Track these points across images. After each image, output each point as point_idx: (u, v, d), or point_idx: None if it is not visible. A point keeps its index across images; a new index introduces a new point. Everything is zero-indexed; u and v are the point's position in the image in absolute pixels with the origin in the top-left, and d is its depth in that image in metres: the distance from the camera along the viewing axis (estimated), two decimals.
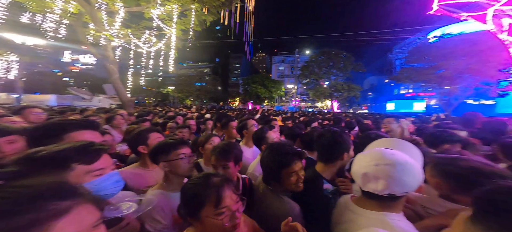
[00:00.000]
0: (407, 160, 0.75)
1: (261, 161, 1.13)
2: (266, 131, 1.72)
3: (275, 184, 1.06)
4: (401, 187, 0.72)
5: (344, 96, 24.41)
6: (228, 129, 2.24)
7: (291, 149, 1.08)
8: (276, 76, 48.78)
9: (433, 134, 1.76)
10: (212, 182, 0.72)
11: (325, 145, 1.18)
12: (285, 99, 41.84)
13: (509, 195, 0.34)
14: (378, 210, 0.77)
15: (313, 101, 30.93)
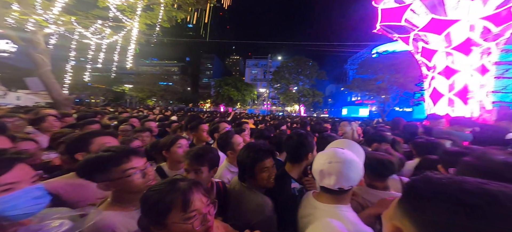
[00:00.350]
0: (353, 158, 0.87)
1: (237, 158, 1.18)
2: (232, 135, 1.65)
3: (250, 180, 1.12)
4: (347, 181, 0.83)
5: (310, 102, 26.84)
6: (198, 131, 2.12)
7: (264, 146, 1.15)
8: (249, 80, 49.43)
9: (369, 135, 2.16)
10: (178, 186, 0.67)
11: (292, 146, 1.26)
12: (257, 103, 42.80)
13: (421, 182, 0.40)
14: (331, 203, 0.88)
15: (283, 105, 32.76)
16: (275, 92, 34.38)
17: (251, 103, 41.65)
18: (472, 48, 5.60)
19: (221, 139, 1.63)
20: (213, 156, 1.20)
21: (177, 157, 1.42)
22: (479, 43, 5.52)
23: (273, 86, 33.36)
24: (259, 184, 1.10)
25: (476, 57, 5.64)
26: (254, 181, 1.10)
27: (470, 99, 5.75)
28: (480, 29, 5.54)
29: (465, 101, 5.82)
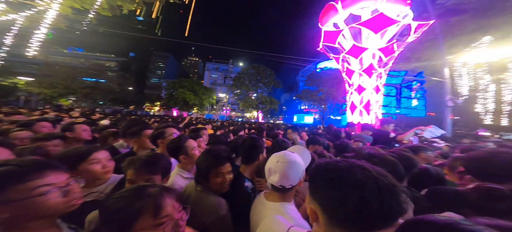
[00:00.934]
0: (297, 160, 0.97)
1: (196, 162, 1.21)
2: (184, 139, 1.57)
3: (205, 183, 1.15)
4: (288, 180, 0.92)
5: (267, 108, 28.63)
6: (140, 137, 1.87)
7: (222, 152, 1.21)
8: (208, 84, 47.33)
9: (308, 140, 2.71)
10: (148, 192, 0.63)
11: (246, 149, 1.41)
12: (216, 108, 41.43)
13: (316, 168, 0.53)
14: (278, 202, 0.97)
15: (243, 111, 33.29)
16: (235, 98, 34.57)
17: (210, 108, 39.89)
18: (373, 72, 7.94)
19: (172, 143, 1.54)
20: (167, 163, 1.16)
21: (93, 175, 1.13)
22: (376, 68, 7.91)
23: (233, 92, 33.48)
24: (213, 188, 1.15)
25: (374, 79, 8.05)
26: (208, 185, 1.15)
27: (371, 111, 8.04)
28: (377, 58, 7.85)
29: (368, 112, 7.99)
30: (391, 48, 7.54)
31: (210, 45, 32.82)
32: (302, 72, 42.75)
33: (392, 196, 0.42)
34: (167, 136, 1.90)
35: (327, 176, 0.48)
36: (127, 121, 2.38)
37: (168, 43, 61.29)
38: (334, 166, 0.49)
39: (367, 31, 7.42)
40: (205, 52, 77.61)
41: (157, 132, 1.94)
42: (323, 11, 8.68)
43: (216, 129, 5.52)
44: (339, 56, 8.75)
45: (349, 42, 8.10)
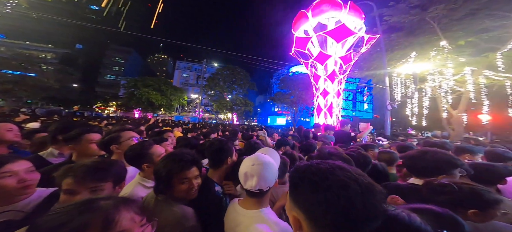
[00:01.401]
0: (271, 161, 0.99)
1: (154, 169, 1.09)
2: (149, 145, 1.38)
3: (167, 191, 1.03)
4: (265, 182, 0.92)
5: (242, 110, 28.61)
6: (80, 143, 1.53)
7: (186, 156, 1.09)
8: (178, 83, 43.96)
9: (277, 141, 2.83)
10: (97, 205, 0.54)
11: (214, 152, 1.34)
12: (188, 109, 38.82)
13: (296, 171, 0.50)
14: (255, 208, 0.95)
15: (217, 113, 32.22)
16: (208, 99, 33.15)
17: (180, 109, 37.04)
18: (335, 78, 9.00)
19: (133, 150, 1.34)
20: (119, 169, 1.01)
21: (5, 191, 0.90)
22: (338, 75, 9.01)
23: (207, 93, 32.10)
24: (178, 196, 1.04)
25: (336, 85, 9.16)
26: (171, 193, 1.03)
27: (333, 113, 9.08)
28: (338, 65, 8.96)
29: (331, 114, 9.01)
30: (349, 57, 8.72)
31: (181, 43, 30.53)
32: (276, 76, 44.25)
33: (373, 195, 0.42)
34: (124, 140, 1.62)
35: (311, 180, 0.46)
36: (59, 123, 1.92)
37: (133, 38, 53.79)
38: (316, 168, 0.47)
39: (331, 40, 8.30)
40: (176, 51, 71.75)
41: (110, 136, 1.64)
42: (296, 17, 9.29)
43: (187, 131, 5.13)
44: (308, 62, 9.53)
45: (317, 49, 8.92)
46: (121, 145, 1.59)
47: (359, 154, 1.49)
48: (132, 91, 24.94)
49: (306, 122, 28.30)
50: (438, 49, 9.17)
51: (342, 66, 8.84)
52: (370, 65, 12.29)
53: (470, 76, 8.93)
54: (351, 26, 8.16)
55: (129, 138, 1.67)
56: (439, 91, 10.40)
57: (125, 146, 1.57)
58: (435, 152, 1.21)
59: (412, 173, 1.32)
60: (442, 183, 0.87)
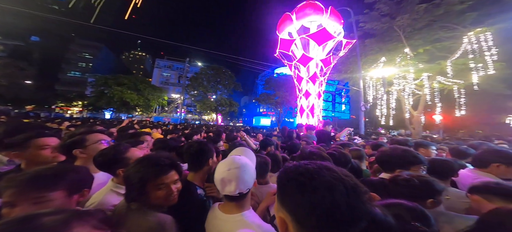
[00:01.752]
0: (247, 162, 0.96)
1: (125, 175, 0.99)
2: (125, 149, 1.26)
3: (141, 199, 0.93)
4: (245, 185, 0.89)
5: (227, 111, 28.16)
6: (29, 149, 1.29)
7: (161, 160, 1.00)
8: (158, 82, 41.27)
9: (262, 141, 2.85)
10: (37, 223, 0.44)
11: (193, 154, 1.28)
12: (168, 110, 36.65)
13: (285, 172, 0.50)
14: (237, 212, 0.91)
15: (201, 113, 31.09)
16: (191, 100, 31.82)
17: (160, 110, 34.74)
18: (316, 80, 9.49)
19: (105, 155, 1.20)
20: (78, 175, 0.90)
21: None
22: (319, 77, 9.51)
23: (189, 93, 30.74)
24: (155, 203, 0.94)
25: (317, 86, 9.66)
26: (147, 200, 0.93)
27: (315, 114, 9.56)
28: (319, 67, 9.50)
29: (313, 115, 9.51)
30: (329, 60, 9.27)
31: (161, 40, 28.12)
32: (261, 76, 45.01)
33: (359, 197, 0.41)
34: (90, 144, 1.43)
35: (297, 181, 0.45)
36: (6, 125, 1.62)
37: (108, 33, 48.59)
38: (304, 169, 0.47)
39: (313, 43, 8.70)
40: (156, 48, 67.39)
41: (72, 140, 1.43)
42: (281, 20, 9.56)
43: (167, 133, 4.82)
44: (292, 64, 9.84)
45: (300, 51, 9.25)
46: (86, 149, 1.39)
47: (340, 152, 1.57)
48: (102, 90, 22.39)
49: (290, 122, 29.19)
50: (403, 56, 10.39)
51: (323, 69, 9.36)
52: (347, 69, 13.28)
53: (426, 81, 10.32)
54: (331, 31, 8.70)
55: (96, 141, 1.48)
56: (403, 94, 11.78)
57: (91, 150, 1.38)
58: (402, 149, 1.37)
59: (383, 169, 1.46)
60: (405, 178, 0.97)
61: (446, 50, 9.78)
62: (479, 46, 8.35)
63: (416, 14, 9.26)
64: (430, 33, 9.60)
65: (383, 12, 10.44)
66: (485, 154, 1.54)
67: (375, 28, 10.93)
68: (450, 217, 0.94)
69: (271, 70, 38.95)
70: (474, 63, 8.70)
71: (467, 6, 8.47)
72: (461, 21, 8.83)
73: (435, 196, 0.93)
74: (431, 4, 8.92)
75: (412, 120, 11.95)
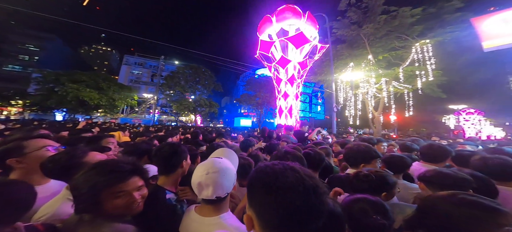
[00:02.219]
0: (228, 166, 0.93)
1: (72, 184, 0.87)
2: (82, 154, 1.13)
3: (94, 210, 0.83)
4: (223, 189, 0.87)
5: (206, 112, 27.06)
6: None
7: (119, 166, 0.89)
8: (126, 81, 37.05)
9: (243, 141, 2.84)
10: None
11: (164, 157, 1.20)
12: (139, 110, 33.24)
13: (254, 172, 0.52)
14: (214, 215, 0.89)
15: (177, 114, 29.12)
16: (167, 100, 29.56)
17: (128, 111, 31.27)
18: (294, 81, 9.93)
19: (56, 161, 1.06)
20: (13, 195, 0.72)
21: None
22: (296, 79, 9.98)
23: (164, 93, 28.50)
24: (115, 213, 0.85)
25: (295, 88, 10.14)
26: (102, 211, 0.83)
27: (293, 115, 10.01)
28: (297, 70, 9.98)
29: (291, 116, 9.96)
30: (305, 63, 9.82)
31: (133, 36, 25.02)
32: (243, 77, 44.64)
33: (316, 196, 0.44)
34: (30, 151, 1.18)
35: (264, 181, 0.47)
36: None
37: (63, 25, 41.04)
38: (271, 169, 0.49)
39: (291, 46, 9.09)
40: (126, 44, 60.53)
41: (5, 147, 1.16)
42: (261, 21, 9.70)
43: (136, 135, 4.35)
44: (272, 65, 10.09)
45: (279, 53, 9.56)
46: (25, 158, 1.14)
47: (315, 152, 1.65)
48: (52, 87, 18.81)
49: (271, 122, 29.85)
50: (367, 62, 11.77)
51: (300, 71, 9.87)
52: (321, 71, 14.34)
53: (384, 85, 11.92)
54: (308, 35, 9.24)
55: (39, 147, 1.23)
56: (367, 97, 13.34)
57: (32, 159, 1.14)
58: (365, 147, 1.55)
59: (349, 164, 1.62)
60: (365, 173, 1.09)
61: (399, 58, 11.50)
62: (423, 56, 10.10)
63: (378, 24, 10.63)
64: (388, 42, 11.16)
65: (352, 20, 11.66)
66: (427, 149, 1.85)
67: (346, 35, 12.12)
68: (403, 207, 1.09)
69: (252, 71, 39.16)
70: (419, 71, 10.47)
71: (416, 20, 10.12)
72: (411, 33, 10.53)
73: (388, 189, 1.05)
74: (390, 16, 10.36)
75: (374, 120, 13.64)
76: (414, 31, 10.44)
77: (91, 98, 18.73)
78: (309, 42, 9.12)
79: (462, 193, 0.69)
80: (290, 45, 9.21)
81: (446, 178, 1.06)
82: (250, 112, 35.64)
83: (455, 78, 13.06)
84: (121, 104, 23.32)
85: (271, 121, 30.52)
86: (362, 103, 14.04)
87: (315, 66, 13.47)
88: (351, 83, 13.02)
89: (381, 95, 12.78)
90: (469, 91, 20.64)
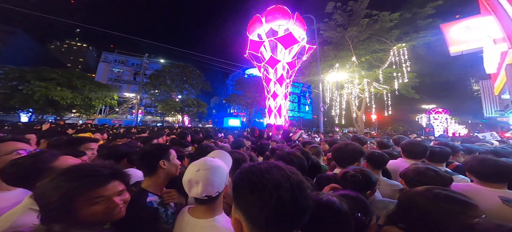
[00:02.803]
0: (220, 165, 0.92)
1: (37, 192, 0.76)
2: (50, 157, 1.01)
3: (67, 219, 0.73)
4: (213, 187, 0.84)
5: (194, 112, 26.21)
6: None
7: (95, 170, 0.82)
8: (105, 79, 34.40)
9: (234, 141, 2.83)
10: None
11: (141, 157, 1.18)
12: (120, 111, 31.07)
13: (239, 173, 0.52)
14: (208, 217, 0.86)
15: (163, 114, 27.81)
16: (151, 99, 28.07)
17: (107, 111, 29.07)
18: (283, 81, 10.09)
19: (19, 165, 0.94)
20: None
21: None
22: (285, 78, 10.15)
23: (148, 92, 27.03)
24: (91, 221, 0.77)
25: (284, 88, 10.32)
26: (76, 220, 0.75)
27: (282, 114, 10.18)
28: (286, 70, 10.14)
29: (280, 115, 10.12)
30: (294, 63, 10.03)
31: (112, 32, 22.95)
32: (232, 77, 44.47)
33: (302, 192, 0.45)
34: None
35: (249, 180, 0.47)
36: None
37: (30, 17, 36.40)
38: (256, 168, 0.49)
39: (280, 46, 9.21)
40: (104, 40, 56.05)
41: None
42: (251, 21, 9.68)
43: (115, 137, 4.06)
44: (261, 65, 10.14)
45: (268, 53, 9.62)
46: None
47: (302, 151, 1.69)
48: (15, 85, 16.70)
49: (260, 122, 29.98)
50: (351, 63, 12.44)
51: (289, 71, 10.07)
52: (309, 72, 14.79)
53: (366, 86, 12.71)
54: (297, 35, 9.44)
55: (9, 151, 1.10)
56: (351, 97, 14.11)
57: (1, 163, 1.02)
58: (352, 148, 1.59)
59: (338, 164, 1.64)
60: (352, 174, 1.12)
61: (379, 60, 12.35)
62: (399, 59, 10.98)
63: (361, 27, 11.29)
64: (370, 45, 11.91)
65: (338, 22, 12.23)
66: (409, 146, 1.98)
67: (332, 37, 12.68)
68: (386, 203, 1.16)
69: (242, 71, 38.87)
70: (396, 73, 11.37)
71: (394, 24, 10.98)
72: (389, 37, 11.39)
73: (372, 187, 1.11)
74: (372, 19, 11.09)
75: (357, 119, 14.48)
76: (392, 35, 11.29)
77: (63, 98, 16.98)
78: (297, 43, 9.34)
79: (437, 188, 0.75)
80: (279, 46, 9.34)
81: (424, 176, 1.14)
82: (240, 112, 35.36)
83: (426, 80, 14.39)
84: (98, 104, 21.51)
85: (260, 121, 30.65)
86: (347, 103, 14.80)
87: (303, 67, 13.85)
88: (336, 84, 13.64)
89: (363, 96, 13.59)
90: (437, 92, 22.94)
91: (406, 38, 11.09)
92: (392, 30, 11.13)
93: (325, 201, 0.67)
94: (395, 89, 11.81)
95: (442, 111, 20.29)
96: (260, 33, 9.96)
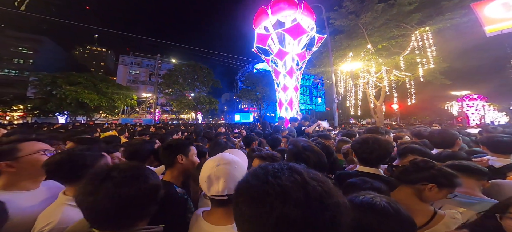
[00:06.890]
0: (238, 160, 0.90)
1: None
2: (98, 156, 1.14)
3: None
4: (234, 183, 0.75)
5: (206, 109, 26.92)
6: None
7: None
8: (124, 81, 36.87)
9: (246, 136, 2.82)
10: None
11: (165, 150, 1.26)
12: (139, 110, 33.28)
13: (244, 181, 0.42)
14: (227, 223, 0.77)
15: (178, 112, 29.08)
16: (166, 98, 29.45)
17: (130, 111, 31.31)
18: (293, 73, 9.78)
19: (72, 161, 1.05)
20: None
21: None
22: (295, 71, 9.83)
23: (163, 92, 28.36)
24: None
25: (294, 80, 10.01)
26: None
27: (293, 107, 9.93)
28: (295, 61, 9.81)
29: (291, 108, 9.84)
30: (303, 54, 9.64)
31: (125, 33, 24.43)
32: (241, 72, 44.37)
33: (327, 210, 0.31)
34: (24, 155, 1.14)
35: (248, 186, 0.37)
36: None
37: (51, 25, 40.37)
38: (261, 169, 0.38)
39: (288, 37, 8.87)
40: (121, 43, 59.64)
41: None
42: (257, 14, 9.45)
43: (133, 135, 4.34)
44: (269, 58, 9.93)
45: (276, 46, 9.35)
46: (18, 162, 1.11)
47: (324, 145, 1.50)
48: (49, 90, 18.70)
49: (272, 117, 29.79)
50: (366, 51, 11.54)
51: (299, 63, 9.71)
52: (320, 63, 14.11)
53: (385, 74, 11.75)
54: (305, 26, 9.02)
55: (34, 151, 1.20)
56: (367, 86, 13.18)
57: (25, 163, 1.11)
58: (385, 142, 1.30)
59: (357, 158, 1.35)
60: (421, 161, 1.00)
61: (399, 46, 11.26)
62: (423, 44, 9.87)
63: (375, 13, 10.33)
64: (386, 31, 10.89)
65: (350, 9, 11.32)
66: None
67: (344, 25, 11.82)
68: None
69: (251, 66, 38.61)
70: (420, 58, 10.28)
71: (414, 7, 9.83)
72: (409, 21, 10.25)
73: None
74: (387, 4, 10.07)
75: (376, 109, 13.55)
76: (412, 19, 10.16)
77: (91, 100, 18.67)
78: (306, 33, 8.92)
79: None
80: (287, 37, 9.01)
81: None
82: (251, 107, 35.48)
83: (456, 65, 12.83)
84: (121, 104, 23.24)
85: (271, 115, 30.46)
86: (363, 93, 13.88)
87: (314, 58, 13.24)
88: (351, 74, 12.84)
89: (382, 85, 12.61)
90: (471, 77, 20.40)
91: (429, 22, 9.88)
92: (413, 13, 9.97)
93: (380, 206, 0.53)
94: (419, 76, 10.70)
95: (478, 98, 18.02)
96: (267, 26, 9.70)
